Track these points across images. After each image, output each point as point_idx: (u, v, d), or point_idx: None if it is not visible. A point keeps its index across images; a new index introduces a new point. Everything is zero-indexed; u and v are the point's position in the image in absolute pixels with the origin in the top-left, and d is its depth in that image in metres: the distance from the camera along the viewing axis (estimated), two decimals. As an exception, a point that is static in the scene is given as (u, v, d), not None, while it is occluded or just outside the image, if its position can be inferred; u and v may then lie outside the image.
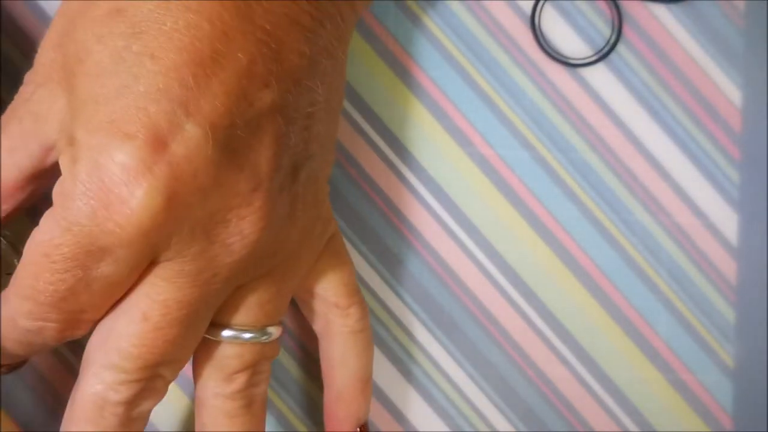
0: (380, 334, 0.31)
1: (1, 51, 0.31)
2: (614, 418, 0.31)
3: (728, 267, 0.32)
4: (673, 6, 0.32)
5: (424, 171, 0.31)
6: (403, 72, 0.32)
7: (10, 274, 0.28)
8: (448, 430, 0.31)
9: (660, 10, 0.32)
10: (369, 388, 0.29)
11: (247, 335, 0.25)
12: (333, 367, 0.28)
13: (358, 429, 0.29)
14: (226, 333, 0.25)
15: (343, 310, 0.28)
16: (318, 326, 0.28)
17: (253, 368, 0.25)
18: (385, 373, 0.31)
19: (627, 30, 0.32)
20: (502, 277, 0.31)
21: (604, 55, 0.32)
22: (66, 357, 0.30)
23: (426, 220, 0.31)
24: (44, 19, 0.31)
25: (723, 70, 0.32)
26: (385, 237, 0.31)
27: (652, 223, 0.32)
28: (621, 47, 0.32)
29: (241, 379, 0.25)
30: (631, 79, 0.32)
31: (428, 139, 0.31)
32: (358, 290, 0.28)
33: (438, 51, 0.32)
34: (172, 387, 0.30)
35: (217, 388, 0.25)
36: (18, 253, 0.29)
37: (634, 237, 0.32)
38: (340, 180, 0.31)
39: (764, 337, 0.31)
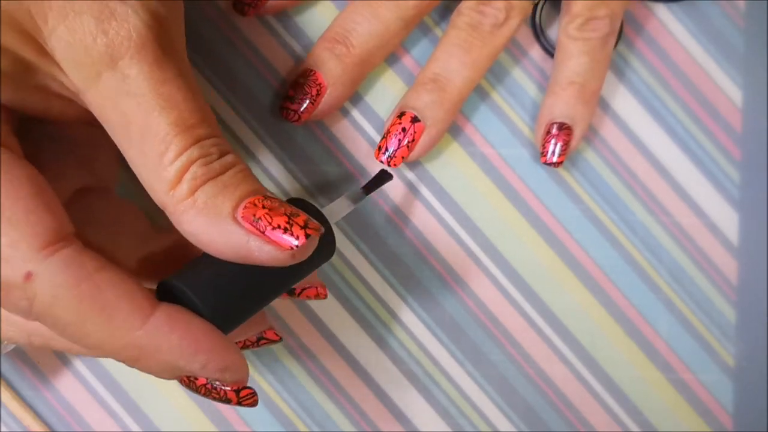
0: (381, 333, 0.31)
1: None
2: (615, 418, 0.31)
3: (729, 266, 0.32)
4: (674, 6, 0.32)
5: (425, 170, 0.31)
6: (403, 72, 0.32)
7: None
8: (449, 429, 0.31)
9: (660, 9, 0.32)
10: (573, 91, 0.30)
11: None
12: (553, 67, 0.30)
13: (555, 126, 0.30)
14: None
15: (570, 15, 0.29)
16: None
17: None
18: (385, 372, 0.31)
19: (628, 30, 0.32)
20: (503, 276, 0.31)
21: (605, 54, 0.32)
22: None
23: (427, 219, 0.31)
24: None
25: (723, 69, 0.32)
26: (386, 236, 0.31)
27: (652, 222, 0.32)
28: (622, 47, 0.32)
29: None
30: (632, 79, 0.32)
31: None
32: (601, 6, 0.29)
33: (439, 50, 0.32)
34: (174, 387, 0.30)
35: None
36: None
37: (635, 236, 0.32)
38: (339, 178, 0.31)
39: (764, 337, 0.31)
